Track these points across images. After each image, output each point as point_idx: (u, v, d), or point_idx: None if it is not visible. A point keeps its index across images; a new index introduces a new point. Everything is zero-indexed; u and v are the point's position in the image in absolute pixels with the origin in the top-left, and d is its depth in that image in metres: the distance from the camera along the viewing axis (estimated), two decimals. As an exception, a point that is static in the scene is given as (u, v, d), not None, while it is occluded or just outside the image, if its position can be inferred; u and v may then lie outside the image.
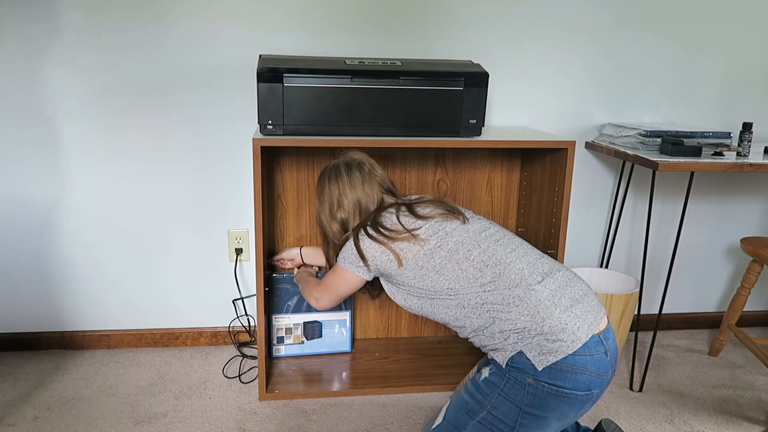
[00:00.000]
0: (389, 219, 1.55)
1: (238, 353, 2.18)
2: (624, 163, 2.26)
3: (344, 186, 1.62)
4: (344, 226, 1.63)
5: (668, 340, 2.39)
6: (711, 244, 2.43)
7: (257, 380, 1.98)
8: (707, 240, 2.43)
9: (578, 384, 1.33)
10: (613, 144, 2.10)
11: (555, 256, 1.88)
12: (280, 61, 1.74)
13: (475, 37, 2.08)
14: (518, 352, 1.37)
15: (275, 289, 2.02)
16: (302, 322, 2.08)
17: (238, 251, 2.16)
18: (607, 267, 2.36)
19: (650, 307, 2.44)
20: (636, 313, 2.13)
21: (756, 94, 2.28)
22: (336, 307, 1.88)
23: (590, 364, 1.34)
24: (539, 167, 2.00)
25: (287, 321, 2.06)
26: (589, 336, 1.35)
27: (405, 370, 2.04)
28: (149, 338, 2.20)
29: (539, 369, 1.33)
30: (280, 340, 2.08)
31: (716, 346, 2.27)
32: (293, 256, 2.02)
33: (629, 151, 1.96)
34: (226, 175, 2.10)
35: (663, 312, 2.26)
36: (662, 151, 1.93)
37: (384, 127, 1.75)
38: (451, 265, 1.45)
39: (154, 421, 1.76)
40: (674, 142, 1.88)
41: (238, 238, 2.16)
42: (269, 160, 1.98)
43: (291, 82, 1.67)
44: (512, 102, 2.16)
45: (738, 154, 1.94)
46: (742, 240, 2.14)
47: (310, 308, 2.06)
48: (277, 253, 2.09)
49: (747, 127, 1.94)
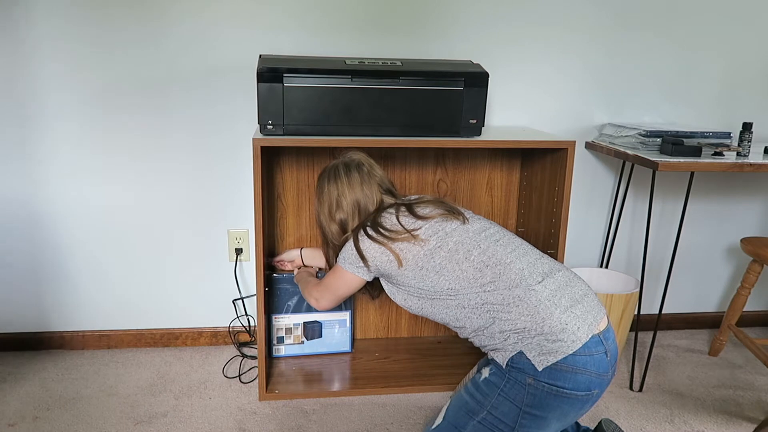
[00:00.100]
0: (389, 219, 1.54)
1: (238, 353, 2.18)
2: (624, 163, 2.26)
3: (343, 187, 1.62)
4: (343, 226, 1.63)
5: (668, 340, 2.39)
6: (711, 244, 2.43)
7: (257, 380, 1.98)
8: (707, 240, 2.43)
9: (578, 384, 1.33)
10: (613, 144, 2.10)
11: (555, 256, 1.88)
12: (280, 61, 1.74)
13: (475, 37, 2.08)
14: (518, 353, 1.37)
15: (275, 289, 2.02)
16: (302, 322, 2.08)
17: (238, 251, 2.16)
18: (607, 267, 2.36)
19: (650, 307, 2.44)
20: (636, 313, 2.13)
21: (756, 94, 2.28)
22: (336, 307, 1.87)
23: (590, 365, 1.34)
24: (539, 167, 2.00)
25: (287, 321, 2.06)
26: (589, 336, 1.35)
27: (405, 370, 2.04)
28: (149, 338, 2.20)
29: (539, 369, 1.33)
30: (280, 340, 2.08)
31: (716, 346, 2.27)
32: (293, 257, 2.01)
33: (629, 151, 1.96)
34: (226, 175, 2.10)
35: (663, 312, 2.26)
36: (662, 151, 1.93)
37: (384, 127, 1.75)
38: (451, 266, 1.45)
39: (154, 421, 1.76)
40: (674, 142, 1.88)
41: (238, 238, 2.16)
42: (269, 160, 1.98)
43: (291, 82, 1.67)
44: (512, 102, 2.16)
45: (738, 154, 1.94)
46: (742, 240, 2.14)
47: (310, 308, 2.05)
48: (278, 254, 2.09)
49: (747, 127, 1.94)
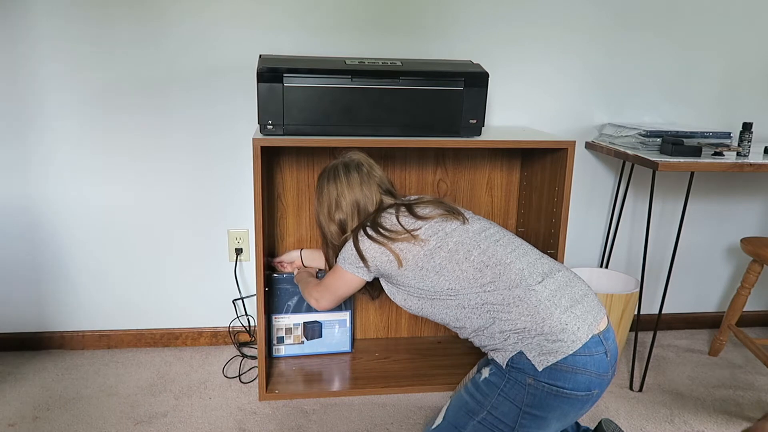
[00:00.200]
0: (389, 220, 1.54)
1: (238, 353, 2.18)
2: (624, 163, 2.26)
3: (342, 187, 1.62)
4: (342, 227, 1.63)
5: (668, 340, 2.39)
6: (711, 244, 2.43)
7: (257, 380, 1.98)
8: (707, 240, 2.43)
9: (578, 384, 1.33)
10: (613, 144, 2.10)
11: (555, 256, 1.88)
12: (280, 61, 1.74)
13: (475, 37, 2.08)
14: (518, 353, 1.37)
15: (275, 289, 2.02)
16: (302, 322, 2.08)
17: (238, 251, 2.16)
18: (607, 267, 2.36)
19: (650, 307, 2.44)
20: (636, 313, 2.13)
21: (756, 94, 2.28)
22: (336, 307, 1.87)
23: (590, 365, 1.34)
24: (539, 167, 2.00)
25: (287, 321, 2.06)
26: (589, 336, 1.35)
27: (405, 370, 2.04)
28: (149, 338, 2.20)
29: (539, 369, 1.33)
30: (280, 340, 2.08)
31: (716, 346, 2.27)
32: (293, 258, 2.01)
33: (629, 151, 1.96)
34: (226, 175, 2.10)
35: (663, 312, 2.26)
36: (662, 151, 1.93)
37: (384, 127, 1.75)
38: (451, 266, 1.45)
39: (154, 421, 1.76)
40: (674, 142, 1.88)
41: (238, 238, 2.16)
42: (269, 160, 1.98)
43: (291, 82, 1.67)
44: (512, 102, 2.16)
45: (738, 154, 1.94)
46: (742, 240, 2.14)
47: (310, 308, 2.05)
48: (278, 254, 2.09)
49: (747, 127, 1.94)
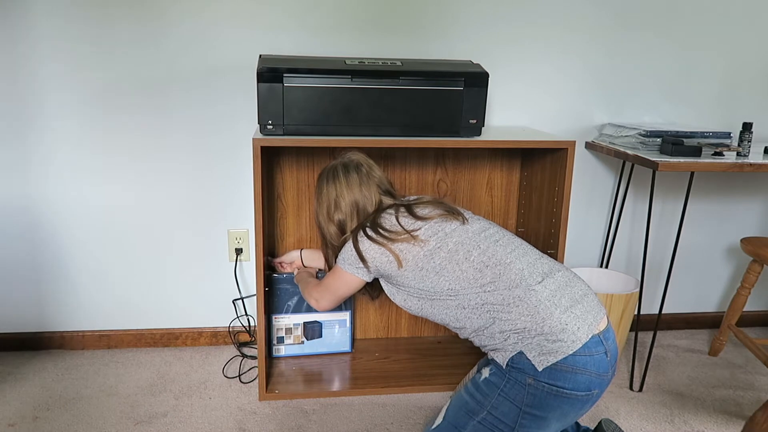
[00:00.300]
0: (388, 220, 1.54)
1: (238, 353, 2.18)
2: (624, 163, 2.26)
3: (341, 187, 1.62)
4: (341, 227, 1.63)
5: (668, 340, 2.39)
6: (711, 244, 2.43)
7: (257, 380, 1.98)
8: (707, 240, 2.43)
9: (578, 384, 1.33)
10: (613, 144, 2.10)
11: (555, 256, 1.88)
12: (280, 61, 1.74)
13: (475, 37, 2.08)
14: (518, 353, 1.37)
15: (275, 289, 2.02)
16: (302, 322, 2.08)
17: (238, 251, 2.16)
18: (607, 267, 2.35)
19: (650, 307, 2.44)
20: (636, 313, 2.13)
21: (756, 94, 2.28)
22: (336, 307, 1.87)
23: (590, 365, 1.34)
24: (539, 167, 2.00)
25: (287, 321, 2.06)
26: (589, 336, 1.35)
27: (405, 370, 2.04)
28: (149, 338, 2.20)
29: (539, 369, 1.33)
30: (280, 340, 2.08)
31: (716, 346, 2.27)
32: (293, 258, 2.01)
33: (629, 151, 1.96)
34: (226, 175, 2.10)
35: (663, 312, 2.26)
36: (662, 151, 1.93)
37: (384, 127, 1.75)
38: (451, 266, 1.45)
39: (154, 421, 1.76)
40: (674, 142, 1.88)
41: (238, 238, 2.16)
42: (269, 160, 1.98)
43: (291, 82, 1.67)
44: (512, 102, 2.16)
45: (738, 154, 1.94)
46: (742, 240, 2.14)
47: (310, 308, 2.05)
48: (278, 255, 2.09)
49: (747, 127, 1.94)
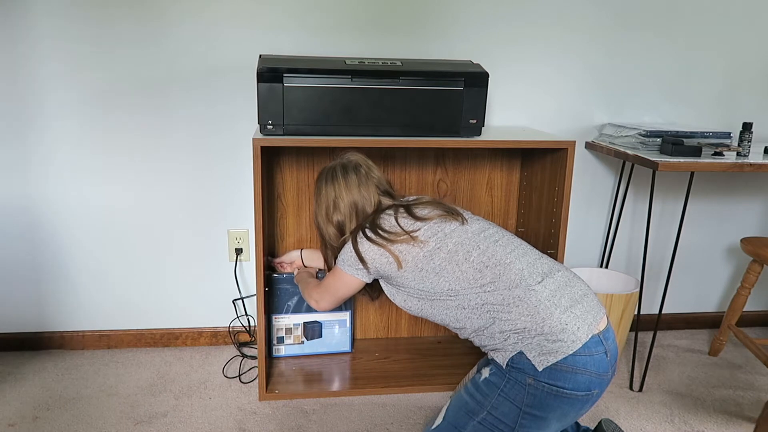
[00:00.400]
0: (388, 221, 1.54)
1: (238, 353, 2.18)
2: (624, 163, 2.26)
3: (340, 188, 1.62)
4: (340, 228, 1.63)
5: (668, 340, 2.39)
6: (711, 244, 2.43)
7: (257, 380, 1.98)
8: (707, 240, 2.43)
9: (578, 384, 1.33)
10: (613, 144, 2.10)
11: (555, 256, 1.88)
12: (280, 61, 1.74)
13: (475, 37, 2.08)
14: (518, 353, 1.37)
15: (275, 289, 2.02)
16: (302, 322, 2.08)
17: (238, 251, 2.16)
18: (607, 267, 2.35)
19: (650, 307, 2.44)
20: (636, 313, 2.13)
21: (756, 94, 2.28)
22: (336, 308, 1.87)
23: (590, 365, 1.34)
24: (539, 167, 2.00)
25: (287, 321, 2.06)
26: (589, 336, 1.35)
27: (405, 370, 2.04)
28: (149, 338, 2.20)
29: (539, 369, 1.33)
30: (280, 340, 2.08)
31: (716, 346, 2.27)
32: (293, 258, 2.01)
33: (629, 151, 1.96)
34: (226, 175, 2.10)
35: (663, 312, 2.26)
36: (662, 151, 1.93)
37: (384, 127, 1.75)
38: (450, 267, 1.45)
39: (154, 421, 1.76)
40: (674, 142, 1.88)
41: (238, 238, 2.16)
42: (269, 160, 1.98)
43: (291, 82, 1.67)
44: (512, 102, 2.16)
45: (738, 154, 1.94)
46: (742, 240, 2.14)
47: (310, 308, 2.05)
48: (278, 255, 2.08)
49: (747, 127, 1.94)
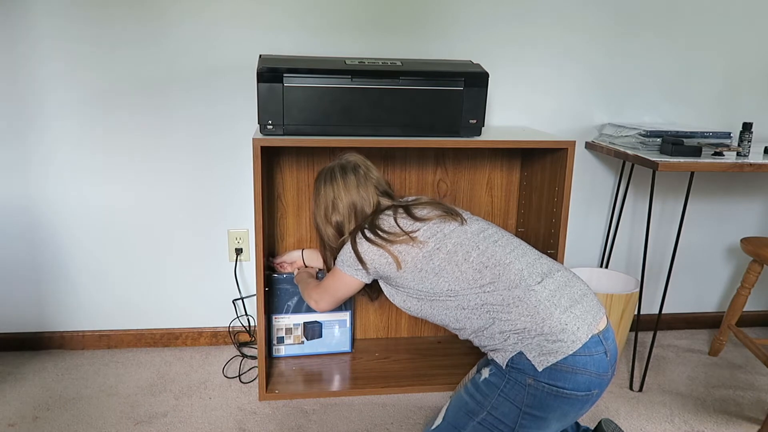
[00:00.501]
0: (387, 222, 1.54)
1: (238, 353, 2.18)
2: (624, 163, 2.26)
3: (339, 189, 1.62)
4: (339, 229, 1.63)
5: (668, 340, 2.39)
6: (711, 244, 2.43)
7: (257, 380, 1.98)
8: (707, 240, 2.43)
9: (578, 384, 1.33)
10: (613, 144, 2.10)
11: (555, 256, 1.88)
12: (280, 61, 1.74)
13: (475, 37, 2.08)
14: (518, 353, 1.37)
15: (275, 290, 2.02)
16: (302, 322, 2.08)
17: (238, 251, 2.16)
18: (607, 267, 2.35)
19: (650, 307, 2.44)
20: (636, 313, 2.13)
21: (756, 94, 2.28)
22: (336, 308, 1.87)
23: (590, 365, 1.34)
24: (539, 167, 2.00)
25: (287, 321, 2.06)
26: (589, 336, 1.35)
27: (405, 370, 2.04)
28: (149, 338, 2.20)
29: (539, 369, 1.33)
30: (280, 340, 2.08)
31: (716, 346, 2.27)
32: (294, 258, 2.01)
33: (629, 151, 1.96)
34: (226, 175, 2.10)
35: (663, 312, 2.26)
36: (662, 151, 1.93)
37: (384, 127, 1.75)
38: (450, 267, 1.45)
39: (154, 421, 1.76)
40: (674, 142, 1.88)
41: (238, 238, 2.16)
42: (269, 160, 1.98)
43: (291, 82, 1.67)
44: (512, 102, 2.16)
45: (738, 154, 1.94)
46: (742, 240, 2.14)
47: (310, 308, 2.05)
48: (278, 255, 2.08)
49: (747, 127, 1.94)
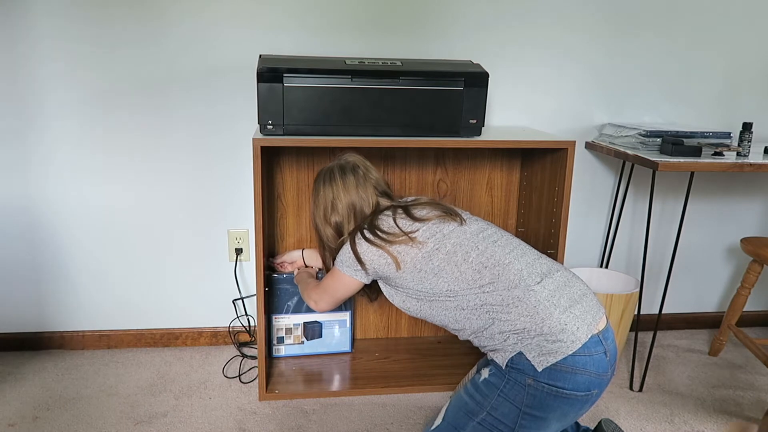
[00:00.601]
0: (386, 222, 1.54)
1: (238, 353, 2.18)
2: (624, 163, 2.25)
3: (338, 189, 1.62)
4: (338, 229, 1.63)
5: (668, 340, 2.39)
6: (711, 244, 2.43)
7: (257, 380, 1.99)
8: (707, 240, 2.42)
9: (578, 384, 1.33)
10: (613, 144, 2.09)
11: (555, 256, 1.88)
12: (280, 61, 1.74)
13: (475, 37, 2.08)
14: (518, 353, 1.37)
15: (275, 290, 2.02)
16: (302, 322, 2.08)
17: (238, 251, 2.16)
18: (607, 267, 2.35)
19: (650, 307, 2.44)
20: (636, 313, 2.13)
21: (756, 94, 2.28)
22: (336, 308, 1.88)
23: (590, 365, 1.34)
24: (539, 167, 2.00)
25: (287, 321, 2.06)
26: (589, 336, 1.35)
27: (405, 370, 2.04)
28: (149, 338, 2.21)
29: (539, 370, 1.33)
30: (280, 340, 2.08)
31: (716, 346, 2.27)
32: (295, 258, 2.01)
33: (629, 151, 1.96)
34: (226, 175, 2.10)
35: (663, 312, 2.26)
36: (662, 151, 1.93)
37: (384, 127, 1.75)
38: (449, 267, 1.45)
39: (154, 421, 1.76)
40: (674, 142, 1.88)
41: (238, 238, 2.16)
42: (269, 160, 1.98)
43: (291, 82, 1.67)
44: (512, 102, 2.16)
45: (738, 154, 1.94)
46: (742, 240, 2.14)
47: (310, 308, 2.04)
48: (278, 255, 2.08)
49: (747, 127, 1.94)
